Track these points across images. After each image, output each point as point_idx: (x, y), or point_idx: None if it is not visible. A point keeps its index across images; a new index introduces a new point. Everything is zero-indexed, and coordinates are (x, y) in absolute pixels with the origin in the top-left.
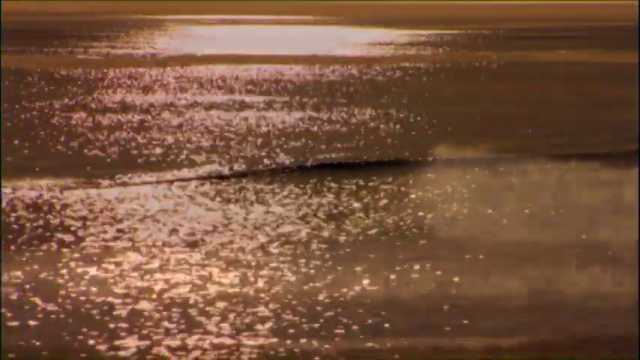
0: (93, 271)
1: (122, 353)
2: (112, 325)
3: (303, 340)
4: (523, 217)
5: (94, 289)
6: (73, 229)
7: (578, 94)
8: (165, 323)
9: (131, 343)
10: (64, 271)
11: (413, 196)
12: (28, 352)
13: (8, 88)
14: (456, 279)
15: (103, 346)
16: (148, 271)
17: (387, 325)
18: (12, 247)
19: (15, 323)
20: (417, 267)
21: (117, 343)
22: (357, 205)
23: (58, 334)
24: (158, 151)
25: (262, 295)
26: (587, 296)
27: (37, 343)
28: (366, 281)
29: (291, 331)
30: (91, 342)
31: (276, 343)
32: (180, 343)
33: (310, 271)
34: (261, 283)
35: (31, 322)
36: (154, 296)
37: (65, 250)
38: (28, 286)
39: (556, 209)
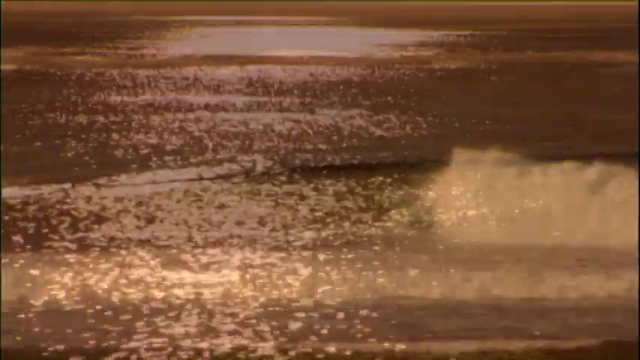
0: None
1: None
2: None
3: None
4: (538, 219)
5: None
6: (29, 231)
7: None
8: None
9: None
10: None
11: (426, 197)
12: None
13: (9, 90)
14: (494, 281)
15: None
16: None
17: (435, 328)
18: None
19: None
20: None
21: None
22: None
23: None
24: (131, 152)
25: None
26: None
27: None
28: (405, 284)
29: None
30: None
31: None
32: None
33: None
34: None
35: None
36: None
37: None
38: None
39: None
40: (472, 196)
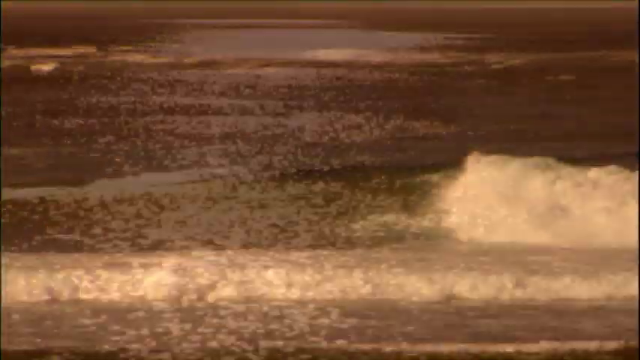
0: None
1: None
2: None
3: None
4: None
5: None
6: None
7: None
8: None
9: None
10: None
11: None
12: None
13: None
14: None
15: None
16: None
17: (480, 330)
18: None
19: None
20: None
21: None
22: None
23: None
24: (106, 156)
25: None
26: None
27: None
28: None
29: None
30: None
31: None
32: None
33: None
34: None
35: None
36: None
37: None
38: None
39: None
40: (506, 198)
